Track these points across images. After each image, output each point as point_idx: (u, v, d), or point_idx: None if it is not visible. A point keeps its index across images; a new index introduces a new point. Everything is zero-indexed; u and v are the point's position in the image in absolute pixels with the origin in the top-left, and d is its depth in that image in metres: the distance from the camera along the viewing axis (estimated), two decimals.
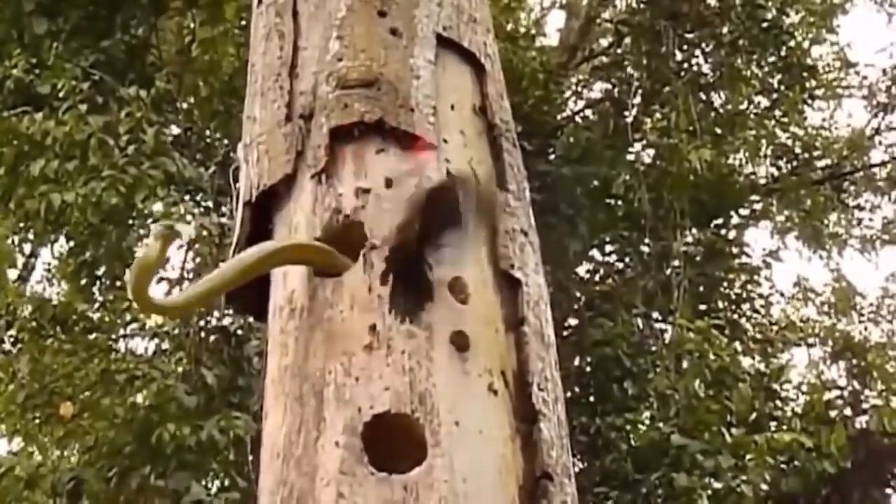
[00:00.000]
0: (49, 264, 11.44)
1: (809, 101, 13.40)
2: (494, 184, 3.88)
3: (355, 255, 3.57)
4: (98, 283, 9.54)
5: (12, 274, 11.33)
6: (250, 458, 7.78)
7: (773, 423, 10.66)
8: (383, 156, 3.74)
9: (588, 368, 11.04)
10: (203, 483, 8.16)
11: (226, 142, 10.13)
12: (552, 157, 11.49)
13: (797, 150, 13.96)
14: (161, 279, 9.73)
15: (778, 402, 11.41)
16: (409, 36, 4.03)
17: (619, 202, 11.47)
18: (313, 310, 3.51)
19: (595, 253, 12.15)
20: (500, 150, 3.99)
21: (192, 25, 10.81)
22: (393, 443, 3.22)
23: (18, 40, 9.54)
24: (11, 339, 9.29)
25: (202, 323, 9.27)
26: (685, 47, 11.97)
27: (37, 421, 8.79)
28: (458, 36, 4.16)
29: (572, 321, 11.53)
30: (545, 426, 3.39)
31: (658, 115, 11.94)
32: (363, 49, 3.99)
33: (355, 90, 3.86)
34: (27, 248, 11.34)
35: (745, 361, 11.41)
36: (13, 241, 10.01)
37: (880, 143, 14.79)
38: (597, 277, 12.27)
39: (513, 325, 3.57)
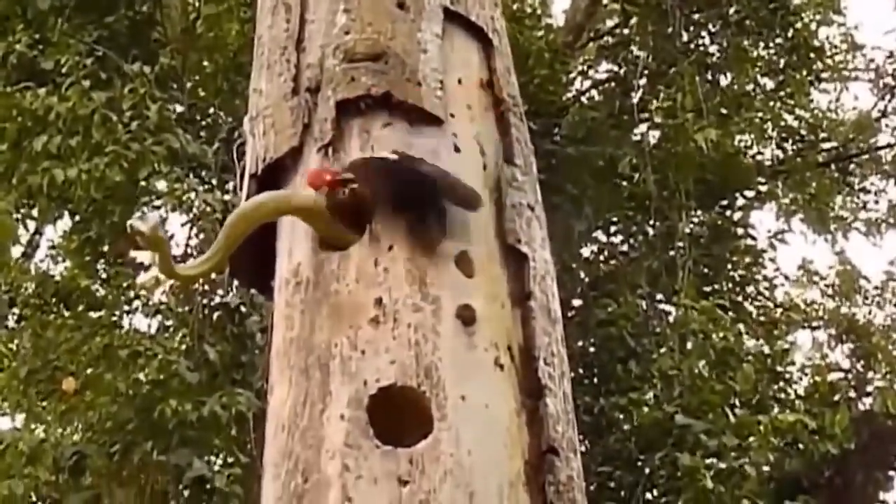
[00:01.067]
0: (53, 241, 11.44)
1: (816, 83, 13.35)
2: (502, 158, 3.87)
3: (361, 229, 3.56)
4: (102, 259, 9.55)
5: (17, 251, 11.32)
6: (252, 434, 7.79)
7: (776, 405, 10.65)
8: (390, 129, 3.73)
9: (592, 349, 11.03)
10: (205, 459, 8.17)
11: (230, 118, 10.10)
12: (557, 137, 11.46)
13: (803, 132, 13.91)
14: None
15: (782, 384, 11.40)
16: (416, 9, 4.02)
17: (625, 182, 11.44)
18: (319, 283, 3.51)
19: (600, 233, 12.14)
20: (507, 125, 3.97)
21: (196, 2, 10.78)
22: (398, 416, 3.22)
23: (22, 16, 9.51)
24: (15, 316, 9.30)
25: (205, 300, 9.28)
26: (692, 28, 11.93)
27: (39, 396, 8.81)
28: (466, 10, 4.14)
29: (577, 301, 11.52)
30: (551, 401, 3.39)
31: (664, 96, 11.88)
32: (370, 22, 3.97)
33: (362, 63, 3.84)
34: (31, 225, 11.32)
35: (750, 343, 11.38)
36: (17, 218, 9.98)
37: (887, 125, 14.73)
38: (602, 258, 12.25)
39: (519, 299, 3.57)
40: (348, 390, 3.24)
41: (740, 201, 12.13)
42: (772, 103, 13.15)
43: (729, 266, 11.98)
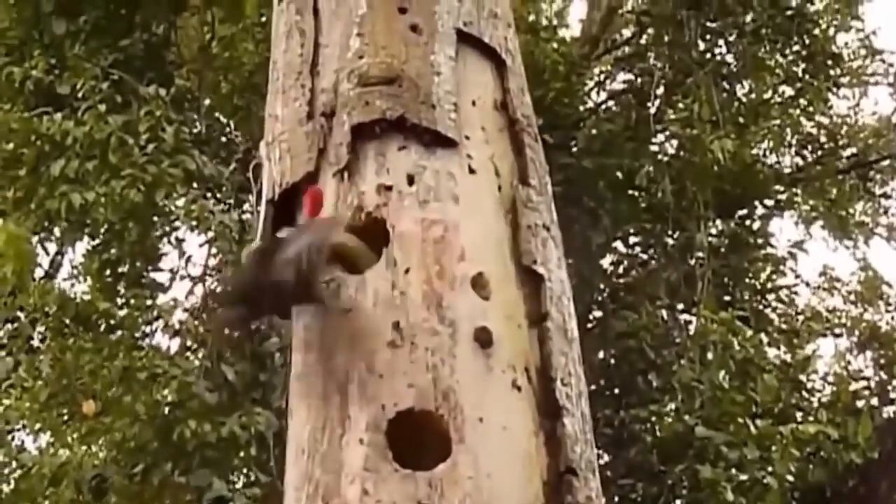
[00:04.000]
0: (73, 262, 11.49)
1: (834, 90, 13.27)
2: (517, 179, 3.87)
3: (378, 253, 3.58)
4: (121, 280, 9.58)
5: (39, 272, 11.37)
6: (273, 453, 7.79)
7: (798, 414, 10.59)
8: (405, 153, 3.74)
9: (612, 361, 10.99)
10: (225, 479, 8.17)
11: (246, 139, 10.14)
12: (574, 149, 11.43)
13: (822, 139, 13.86)
14: (184, 276, 9.78)
15: (804, 393, 11.33)
16: (429, 32, 4.03)
17: (642, 194, 11.41)
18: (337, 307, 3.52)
19: (618, 245, 12.10)
20: (521, 146, 3.98)
21: (211, 23, 10.82)
22: (417, 439, 3.23)
23: (38, 41, 9.55)
24: (40, 337, 9.34)
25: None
26: (708, 37, 11.89)
27: (61, 418, 8.84)
28: (479, 31, 4.15)
29: (596, 313, 11.49)
30: (568, 421, 3.39)
31: (681, 106, 11.85)
32: (384, 46, 3.99)
33: (376, 87, 3.86)
34: (51, 247, 11.38)
35: (771, 352, 11.32)
36: (37, 241, 10.02)
37: None
38: (620, 269, 12.22)
39: (535, 320, 3.57)
40: (367, 414, 3.25)
41: (759, 210, 12.07)
42: (790, 111, 13.10)
43: (749, 275, 11.92)
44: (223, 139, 10.80)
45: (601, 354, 10.95)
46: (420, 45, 3.97)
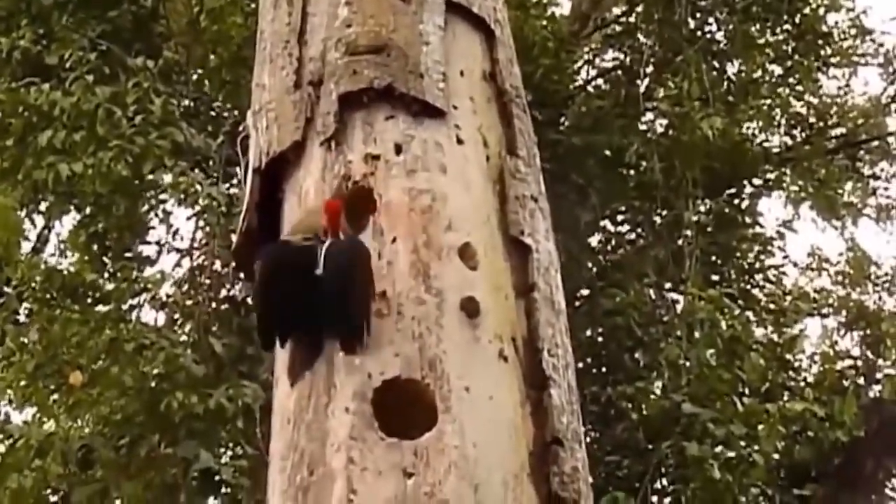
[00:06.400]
0: (60, 235, 11.46)
1: (824, 69, 13.27)
2: (505, 149, 3.86)
3: (364, 221, 3.57)
4: (108, 253, 9.56)
5: (26, 246, 11.33)
6: (259, 426, 7.79)
7: (785, 393, 10.63)
8: (393, 122, 3.73)
9: (599, 338, 11.01)
10: (212, 451, 8.18)
11: (234, 112, 10.09)
12: (563, 126, 11.42)
13: (811, 119, 13.84)
14: (171, 249, 9.77)
15: (791, 372, 11.36)
16: (418, 1, 4.02)
17: (631, 171, 11.40)
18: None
19: (606, 223, 12.09)
20: (510, 117, 3.97)
21: None
22: (403, 408, 3.23)
23: (26, 11, 9.50)
24: (25, 311, 9.31)
25: (211, 293, 9.28)
26: (698, 15, 11.87)
27: (47, 390, 8.82)
28: (468, 1, 4.13)
29: (584, 291, 11.49)
30: (555, 392, 3.39)
31: (670, 84, 11.83)
32: (372, 15, 3.97)
33: (364, 56, 3.85)
34: (39, 220, 11.33)
35: (758, 331, 11.35)
36: (24, 213, 9.99)
37: None
38: (608, 247, 12.22)
39: (523, 291, 3.57)
40: (353, 383, 3.25)
41: (748, 189, 12.07)
42: (779, 90, 13.08)
43: (737, 254, 11.93)
44: (211, 112, 10.75)
45: (588, 332, 10.95)
46: (408, 14, 3.96)
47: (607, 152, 11.19)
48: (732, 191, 11.86)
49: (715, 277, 11.35)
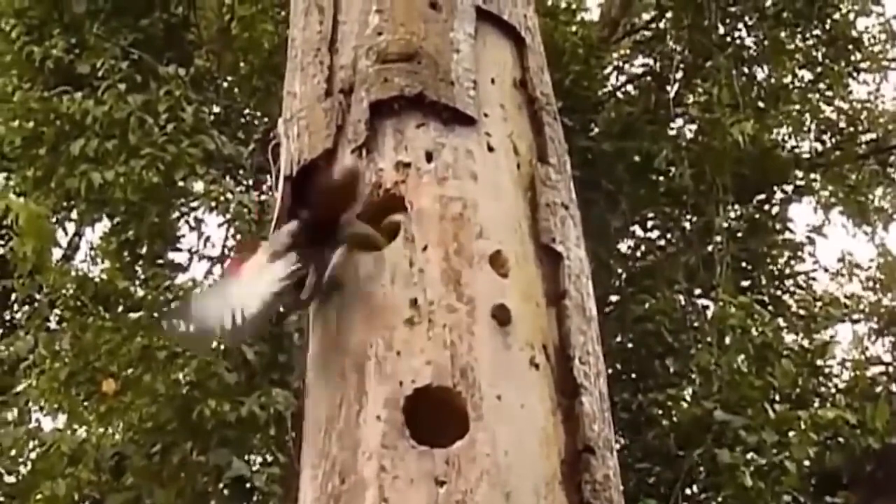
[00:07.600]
0: (92, 243, 11.53)
1: (854, 74, 13.20)
2: (536, 157, 3.86)
3: (395, 230, 3.57)
4: (140, 261, 9.61)
5: (57, 252, 11.40)
6: (291, 433, 7.80)
7: (816, 399, 10.57)
8: (423, 130, 3.73)
9: (630, 344, 10.97)
10: (244, 458, 8.20)
11: (265, 119, 10.14)
12: (593, 132, 11.41)
13: (841, 124, 13.78)
14: (203, 257, 9.80)
15: (822, 378, 11.30)
16: (448, 9, 4.01)
17: (661, 177, 11.37)
18: (354, 284, 3.52)
19: (636, 229, 12.08)
20: (540, 124, 3.96)
21: (231, 3, 10.81)
22: (435, 417, 3.22)
23: (58, 20, 9.57)
24: (57, 318, 9.36)
25: None
26: (728, 20, 11.83)
27: (80, 398, 8.86)
28: (498, 9, 4.13)
29: (614, 297, 11.47)
30: (587, 400, 3.38)
31: (700, 90, 11.81)
32: (403, 23, 3.97)
33: (395, 64, 3.85)
34: (70, 227, 11.40)
35: (789, 337, 11.31)
36: (56, 220, 10.05)
37: None
38: (638, 253, 12.20)
39: (554, 298, 3.56)
40: (384, 391, 3.25)
41: (778, 195, 12.03)
42: (809, 95, 13.03)
43: (767, 260, 11.88)
44: (242, 120, 10.80)
45: (619, 338, 10.92)
46: (439, 21, 3.96)
47: (637, 158, 11.17)
48: (762, 196, 11.83)
49: (745, 283, 11.30)
